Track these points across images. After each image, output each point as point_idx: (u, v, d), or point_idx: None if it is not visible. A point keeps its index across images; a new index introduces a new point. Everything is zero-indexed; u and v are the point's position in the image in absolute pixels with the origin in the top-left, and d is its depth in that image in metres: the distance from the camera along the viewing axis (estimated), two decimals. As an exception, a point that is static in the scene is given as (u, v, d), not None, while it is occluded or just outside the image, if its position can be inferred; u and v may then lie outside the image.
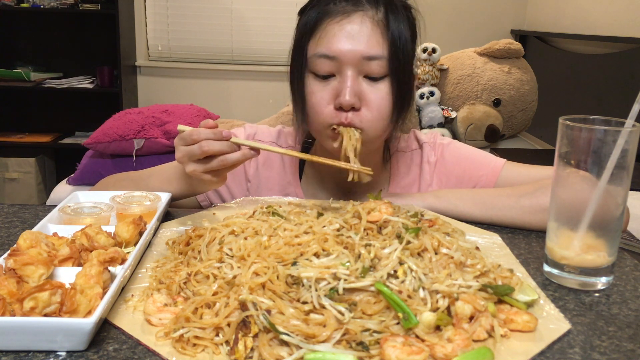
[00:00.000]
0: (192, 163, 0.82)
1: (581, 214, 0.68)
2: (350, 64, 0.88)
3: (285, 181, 1.07)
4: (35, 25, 3.59)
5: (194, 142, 0.81)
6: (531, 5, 3.61)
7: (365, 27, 0.88)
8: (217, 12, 3.64)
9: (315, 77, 0.91)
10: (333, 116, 0.90)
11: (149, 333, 0.57)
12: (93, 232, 0.72)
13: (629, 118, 0.67)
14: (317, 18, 0.91)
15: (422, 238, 0.65)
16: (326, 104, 0.90)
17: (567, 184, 0.70)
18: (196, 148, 0.81)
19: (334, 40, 0.88)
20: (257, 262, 0.61)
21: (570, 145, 0.68)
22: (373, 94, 0.90)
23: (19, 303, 0.53)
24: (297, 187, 1.07)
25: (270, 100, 3.65)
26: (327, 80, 0.91)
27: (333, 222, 0.70)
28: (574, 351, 0.57)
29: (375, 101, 0.90)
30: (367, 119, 0.90)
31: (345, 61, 0.88)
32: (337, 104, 0.89)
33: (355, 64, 0.88)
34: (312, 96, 0.92)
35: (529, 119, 2.91)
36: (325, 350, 0.52)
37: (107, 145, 2.54)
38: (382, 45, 0.88)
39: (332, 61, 0.89)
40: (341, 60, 0.88)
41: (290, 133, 1.11)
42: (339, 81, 0.90)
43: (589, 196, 0.67)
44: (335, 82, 0.90)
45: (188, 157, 0.82)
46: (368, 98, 0.89)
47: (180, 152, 0.83)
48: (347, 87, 0.87)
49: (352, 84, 0.88)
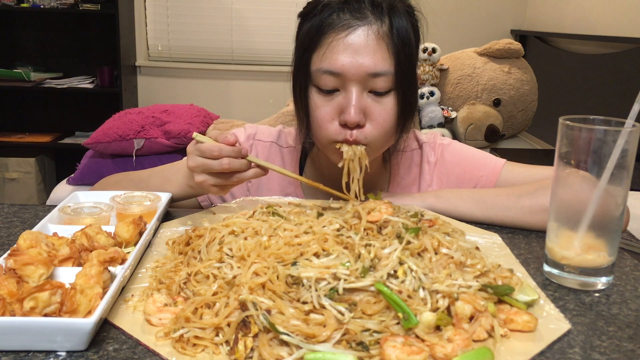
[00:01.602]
0: (205, 175, 0.82)
1: (581, 214, 0.68)
2: (355, 81, 0.86)
3: (286, 181, 1.07)
4: (35, 25, 3.59)
5: (214, 157, 0.80)
6: (531, 5, 3.61)
7: (371, 42, 0.86)
8: (217, 12, 3.64)
9: (319, 92, 0.90)
10: (338, 133, 0.89)
11: (149, 333, 0.57)
12: (93, 232, 0.72)
13: (629, 118, 0.67)
14: (321, 31, 0.88)
15: (422, 238, 0.65)
16: (331, 119, 0.89)
17: (567, 184, 0.70)
18: (216, 164, 0.80)
19: (339, 56, 0.86)
20: (257, 262, 0.61)
21: (570, 145, 0.68)
22: (378, 109, 0.88)
23: (19, 303, 0.53)
24: (297, 187, 1.07)
25: (270, 100, 3.64)
26: (331, 95, 0.89)
27: (333, 222, 0.70)
28: (574, 351, 0.57)
29: (381, 116, 0.88)
30: (372, 135, 0.89)
31: (350, 77, 0.86)
32: (342, 120, 0.87)
33: (361, 81, 0.86)
34: (316, 110, 0.90)
35: (529, 119, 2.90)
36: (325, 350, 0.52)
37: (107, 145, 2.54)
38: (387, 60, 0.86)
39: (336, 77, 0.87)
40: (346, 77, 0.86)
41: (290, 133, 1.11)
42: (343, 96, 0.88)
43: (589, 196, 0.67)
44: (340, 97, 0.88)
45: (203, 169, 0.82)
46: (373, 114, 0.88)
47: (194, 162, 0.82)
48: (352, 105, 0.86)
49: (357, 101, 0.86)
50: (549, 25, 3.31)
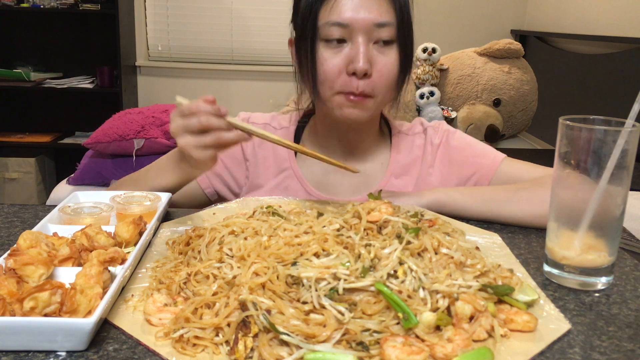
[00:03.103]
0: (186, 135, 0.82)
1: (581, 214, 0.68)
2: (362, 31, 0.91)
3: (281, 157, 1.08)
4: (35, 25, 3.59)
5: (192, 115, 0.81)
6: (531, 5, 3.61)
7: None
8: (217, 12, 3.64)
9: (327, 45, 0.94)
10: (346, 83, 0.93)
11: (149, 333, 0.57)
12: (93, 232, 0.72)
13: (629, 118, 0.67)
14: None
15: (422, 238, 0.65)
16: (339, 71, 0.93)
17: (567, 184, 0.70)
18: (194, 121, 0.81)
19: (346, 8, 0.91)
20: (257, 262, 0.61)
21: (570, 145, 0.68)
22: (383, 60, 0.93)
23: (19, 303, 0.53)
24: (293, 162, 1.08)
25: (270, 100, 3.64)
26: (339, 47, 0.93)
27: (333, 222, 0.70)
28: (574, 351, 0.57)
29: (386, 66, 0.93)
30: (378, 86, 0.94)
31: (358, 28, 0.91)
32: (351, 69, 0.92)
33: (367, 31, 0.92)
34: (324, 63, 0.94)
35: (529, 119, 2.91)
36: (325, 350, 0.52)
37: (107, 145, 2.54)
38: (390, 12, 0.93)
39: (344, 29, 0.92)
40: (353, 28, 0.91)
41: (284, 118, 1.13)
42: (350, 48, 0.92)
43: (589, 196, 0.67)
44: (347, 49, 0.93)
45: (183, 129, 0.82)
46: (379, 64, 0.93)
47: (175, 124, 0.83)
48: (361, 52, 0.91)
49: (365, 50, 0.91)
50: (549, 25, 3.32)
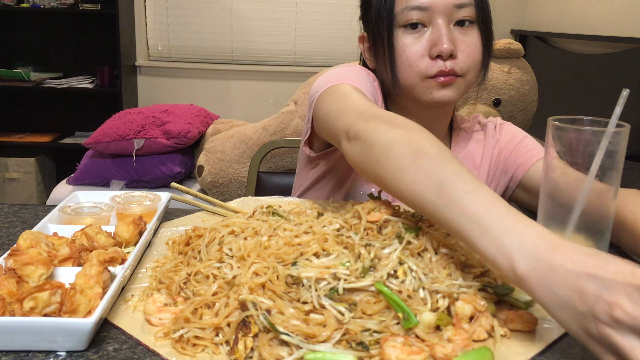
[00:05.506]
0: None
1: (569, 215, 0.68)
2: (442, 13, 0.91)
3: None
4: (35, 25, 3.58)
5: None
6: (531, 5, 3.61)
7: None
8: (217, 12, 3.64)
9: (406, 31, 0.94)
10: (430, 66, 0.93)
11: (149, 333, 0.57)
12: (93, 232, 0.72)
13: (611, 119, 0.66)
14: None
15: (422, 238, 0.65)
16: (421, 56, 0.93)
17: (555, 185, 0.70)
18: None
19: None
20: (257, 262, 0.61)
21: (558, 146, 0.68)
22: (466, 40, 0.93)
23: (19, 303, 0.53)
24: None
25: (270, 100, 3.64)
26: (419, 32, 0.93)
27: (333, 222, 0.69)
28: (574, 351, 0.57)
29: (469, 47, 0.93)
30: (465, 65, 0.93)
31: (437, 10, 0.91)
32: (435, 52, 0.91)
33: (447, 13, 0.92)
34: (405, 50, 0.94)
35: (529, 119, 2.90)
36: (325, 350, 0.52)
37: (107, 145, 2.54)
38: None
39: (423, 12, 0.92)
40: (433, 10, 0.91)
41: None
42: (431, 31, 0.93)
43: (576, 197, 0.67)
44: (427, 34, 0.93)
45: None
46: (462, 44, 0.93)
47: None
48: (444, 34, 0.91)
49: (447, 32, 0.91)
50: (549, 25, 3.31)
